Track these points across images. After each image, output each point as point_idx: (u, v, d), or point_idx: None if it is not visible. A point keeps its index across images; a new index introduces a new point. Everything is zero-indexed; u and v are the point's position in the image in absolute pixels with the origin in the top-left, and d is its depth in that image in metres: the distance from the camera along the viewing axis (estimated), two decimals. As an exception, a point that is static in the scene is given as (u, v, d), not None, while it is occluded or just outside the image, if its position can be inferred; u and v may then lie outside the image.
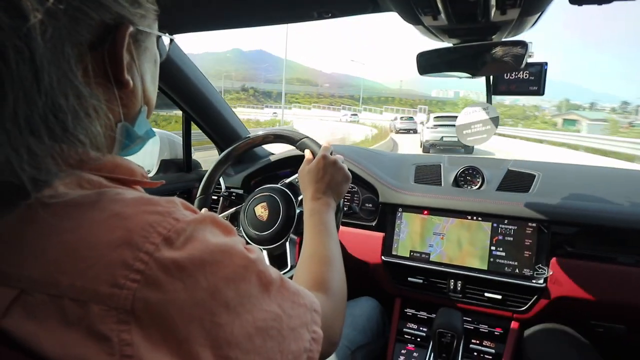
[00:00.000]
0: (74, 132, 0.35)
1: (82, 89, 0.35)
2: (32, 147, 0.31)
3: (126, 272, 0.30)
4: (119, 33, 0.39)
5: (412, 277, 1.27)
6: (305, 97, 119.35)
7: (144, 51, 0.45)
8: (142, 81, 0.45)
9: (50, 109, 0.32)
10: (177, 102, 1.44)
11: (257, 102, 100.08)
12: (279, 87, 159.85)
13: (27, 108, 0.31)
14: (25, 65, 0.30)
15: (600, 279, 1.09)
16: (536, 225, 1.15)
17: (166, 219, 0.34)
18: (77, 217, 0.32)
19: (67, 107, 0.34)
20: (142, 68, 0.45)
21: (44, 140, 0.32)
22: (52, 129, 0.33)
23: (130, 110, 0.45)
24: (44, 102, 0.32)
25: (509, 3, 0.67)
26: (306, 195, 0.86)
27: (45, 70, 0.31)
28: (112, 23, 0.38)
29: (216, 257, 0.35)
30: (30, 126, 0.31)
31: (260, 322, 0.37)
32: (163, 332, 0.31)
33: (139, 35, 0.43)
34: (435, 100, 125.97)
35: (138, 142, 0.48)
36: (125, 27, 0.39)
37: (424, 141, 14.68)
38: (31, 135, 0.31)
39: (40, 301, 0.30)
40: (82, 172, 0.37)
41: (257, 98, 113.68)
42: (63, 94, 0.33)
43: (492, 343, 1.19)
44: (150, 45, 0.47)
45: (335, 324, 0.58)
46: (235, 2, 0.93)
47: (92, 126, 0.37)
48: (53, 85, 0.32)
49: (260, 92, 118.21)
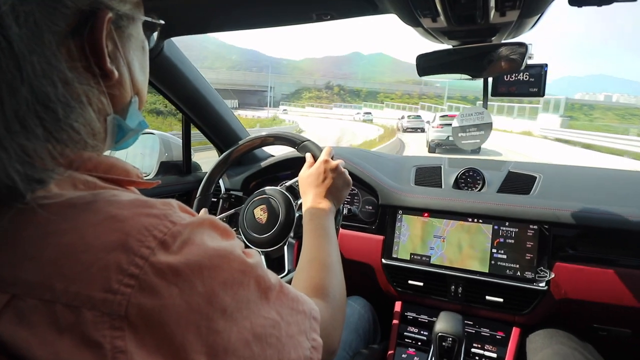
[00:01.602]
0: (67, 121, 0.34)
1: (69, 74, 0.34)
2: (22, 142, 0.30)
3: (120, 276, 0.30)
4: (97, 19, 0.37)
5: (413, 280, 1.27)
6: (404, 97, 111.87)
7: (129, 38, 0.43)
8: (129, 70, 0.44)
9: (38, 99, 0.31)
10: (177, 104, 1.44)
11: (340, 101, 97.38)
12: (374, 86, 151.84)
13: (13, 100, 0.30)
14: (4, 55, 0.29)
15: (603, 282, 1.08)
16: (537, 227, 1.14)
17: (162, 222, 0.33)
18: (72, 219, 0.32)
19: (56, 95, 0.33)
20: (128, 56, 0.43)
21: (36, 133, 0.31)
22: (42, 120, 0.32)
23: (120, 102, 0.43)
24: (30, 92, 0.31)
25: (508, 5, 0.66)
26: (306, 200, 0.86)
27: (26, 59, 0.30)
28: (88, 9, 0.37)
29: (214, 262, 0.34)
30: (19, 119, 0.30)
31: (259, 328, 0.36)
32: (158, 339, 0.30)
33: (121, 22, 0.41)
34: (579, 104, 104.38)
35: (131, 135, 0.46)
36: (104, 13, 0.38)
37: (429, 141, 14.68)
38: (22, 129, 0.30)
39: (32, 306, 0.29)
40: (76, 173, 0.36)
41: (341, 97, 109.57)
42: (50, 82, 0.32)
43: (494, 347, 1.18)
44: (136, 32, 0.45)
45: (334, 331, 0.58)
46: (234, 4, 0.93)
47: (85, 112, 0.36)
48: (37, 74, 0.31)
49: (347, 90, 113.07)
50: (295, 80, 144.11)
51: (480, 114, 0.97)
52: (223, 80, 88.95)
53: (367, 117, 42.79)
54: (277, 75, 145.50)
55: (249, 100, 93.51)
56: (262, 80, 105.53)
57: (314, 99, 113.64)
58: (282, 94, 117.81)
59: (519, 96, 0.91)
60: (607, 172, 1.37)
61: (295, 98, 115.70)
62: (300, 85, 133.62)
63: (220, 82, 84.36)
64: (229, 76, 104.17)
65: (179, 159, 1.63)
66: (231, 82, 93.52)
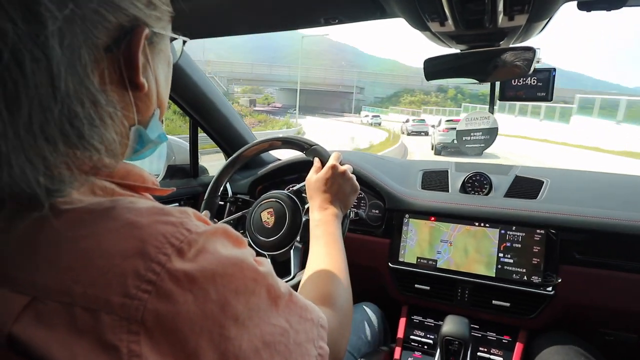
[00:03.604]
0: (89, 140, 0.34)
1: (99, 96, 0.35)
2: (46, 155, 0.31)
3: (138, 282, 0.30)
4: (135, 35, 0.39)
5: (419, 284, 1.26)
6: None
7: (159, 53, 0.45)
8: (156, 84, 0.45)
9: (66, 116, 0.32)
10: (184, 108, 1.45)
11: (454, 106, 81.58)
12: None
13: (42, 116, 0.30)
14: (42, 72, 0.30)
15: (610, 287, 1.07)
16: (545, 232, 1.13)
17: (179, 230, 0.34)
18: (91, 225, 0.32)
19: (83, 114, 0.33)
20: (157, 70, 0.45)
21: (58, 147, 0.32)
22: (67, 137, 0.32)
23: (145, 114, 0.44)
24: (60, 110, 0.31)
25: (517, 9, 0.67)
26: (313, 205, 0.86)
27: (62, 77, 0.31)
28: (128, 25, 0.38)
29: (227, 270, 0.35)
30: (45, 134, 0.31)
31: (268, 336, 0.37)
32: (172, 344, 0.31)
33: (154, 38, 0.43)
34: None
35: (150, 147, 0.47)
36: (141, 29, 0.39)
37: (435, 144, 15.25)
38: (46, 143, 0.31)
39: (52, 309, 0.30)
40: (94, 179, 0.37)
41: (456, 101, 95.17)
42: (79, 101, 0.33)
43: (500, 351, 1.18)
44: (165, 48, 0.46)
45: (341, 340, 0.58)
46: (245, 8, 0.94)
47: (107, 133, 0.37)
48: (69, 93, 0.32)
49: (467, 93, 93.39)
50: (393, 81, 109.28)
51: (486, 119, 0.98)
52: (295, 78, 59.94)
53: (375, 120, 41.95)
54: (370, 74, 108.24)
55: (328, 103, 79.70)
56: (348, 79, 79.98)
57: (416, 103, 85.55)
58: (376, 97, 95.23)
59: (527, 101, 0.91)
60: (615, 177, 1.37)
61: (391, 102, 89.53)
62: (400, 87, 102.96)
63: (292, 80, 64.67)
64: (305, 73, 75.59)
65: (185, 162, 1.64)
66: (308, 80, 72.13)
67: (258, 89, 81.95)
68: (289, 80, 67.55)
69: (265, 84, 76.13)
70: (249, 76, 68.40)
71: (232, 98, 56.71)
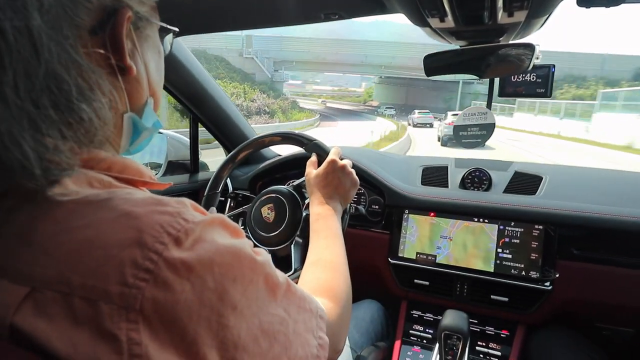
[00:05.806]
0: (79, 105, 0.35)
1: (83, 63, 0.35)
2: (36, 120, 0.31)
3: (135, 271, 0.30)
4: (118, 17, 0.39)
5: (418, 279, 1.27)
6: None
7: (146, 39, 0.45)
8: (146, 70, 0.45)
9: (52, 80, 0.32)
10: (184, 103, 1.45)
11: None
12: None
13: (27, 80, 0.31)
14: (24, 38, 0.30)
15: (607, 282, 1.08)
16: (543, 227, 1.14)
17: (176, 219, 0.34)
18: (89, 216, 0.33)
19: (69, 78, 0.34)
20: (145, 56, 0.45)
21: (49, 113, 0.32)
22: (54, 100, 0.33)
23: (137, 101, 0.45)
24: (45, 73, 0.32)
25: (516, 5, 0.67)
26: (313, 200, 0.86)
27: (44, 44, 0.31)
28: (111, 5, 0.38)
29: (225, 259, 0.35)
30: (32, 99, 0.31)
31: (267, 325, 0.37)
32: (171, 332, 0.31)
33: (139, 22, 0.43)
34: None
35: (146, 135, 0.48)
36: (125, 11, 0.39)
37: (442, 136, 16.10)
38: (35, 108, 0.31)
39: (51, 299, 0.30)
40: (92, 172, 0.37)
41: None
42: (64, 67, 0.33)
43: (499, 345, 1.19)
44: (152, 34, 0.47)
45: (340, 331, 0.58)
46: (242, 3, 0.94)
47: (97, 101, 0.37)
48: (53, 58, 0.32)
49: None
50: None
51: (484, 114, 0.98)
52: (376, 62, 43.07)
53: (389, 112, 40.05)
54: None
55: (433, 100, 51.56)
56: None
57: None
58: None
59: (527, 97, 0.91)
60: (614, 174, 1.37)
61: (508, 101, 36.76)
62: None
63: (370, 63, 43.72)
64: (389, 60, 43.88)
65: (185, 158, 1.64)
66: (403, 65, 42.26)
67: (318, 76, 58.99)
68: (363, 63, 44.08)
69: (330, 69, 52.54)
70: (307, 56, 43.88)
71: (278, 91, 37.95)
